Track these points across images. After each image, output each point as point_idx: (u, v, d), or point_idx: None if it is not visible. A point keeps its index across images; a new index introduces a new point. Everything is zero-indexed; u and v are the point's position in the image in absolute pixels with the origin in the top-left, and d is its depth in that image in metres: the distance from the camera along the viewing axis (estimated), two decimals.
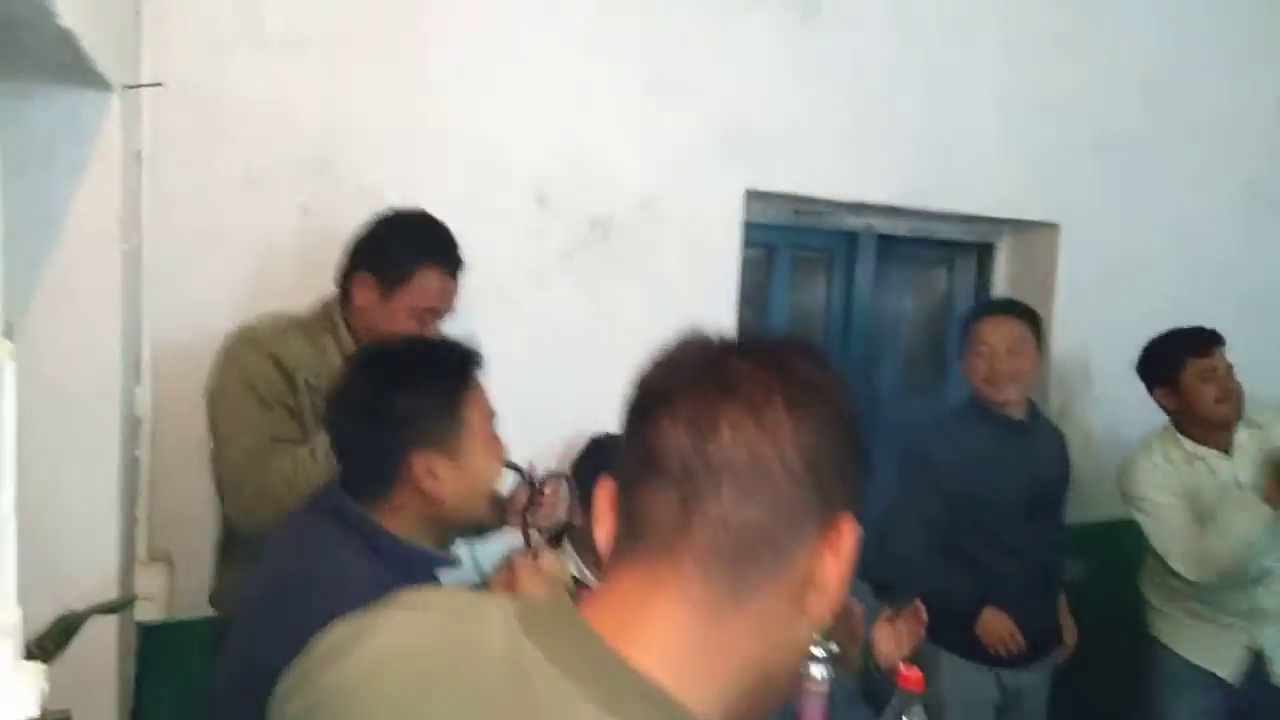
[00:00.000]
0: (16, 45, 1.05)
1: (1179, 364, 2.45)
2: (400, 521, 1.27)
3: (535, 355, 2.40)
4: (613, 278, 2.48)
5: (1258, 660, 2.39)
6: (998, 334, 2.36)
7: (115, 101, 1.45)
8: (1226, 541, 2.25)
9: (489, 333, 2.29)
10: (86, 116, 1.42)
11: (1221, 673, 2.41)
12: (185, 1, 1.95)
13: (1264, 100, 3.47)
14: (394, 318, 1.74)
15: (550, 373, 2.41)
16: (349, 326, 1.77)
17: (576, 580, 1.95)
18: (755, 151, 2.62)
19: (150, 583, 1.86)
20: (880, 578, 2.05)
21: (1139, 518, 2.47)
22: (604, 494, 0.70)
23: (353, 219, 2.08)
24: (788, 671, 0.66)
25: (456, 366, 1.33)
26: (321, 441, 1.51)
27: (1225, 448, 2.43)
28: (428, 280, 1.76)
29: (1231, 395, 2.41)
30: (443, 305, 1.81)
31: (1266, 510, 2.21)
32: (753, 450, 0.62)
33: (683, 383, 0.67)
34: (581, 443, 2.23)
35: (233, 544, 1.73)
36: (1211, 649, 2.42)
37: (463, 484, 1.27)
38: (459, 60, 2.24)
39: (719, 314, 2.63)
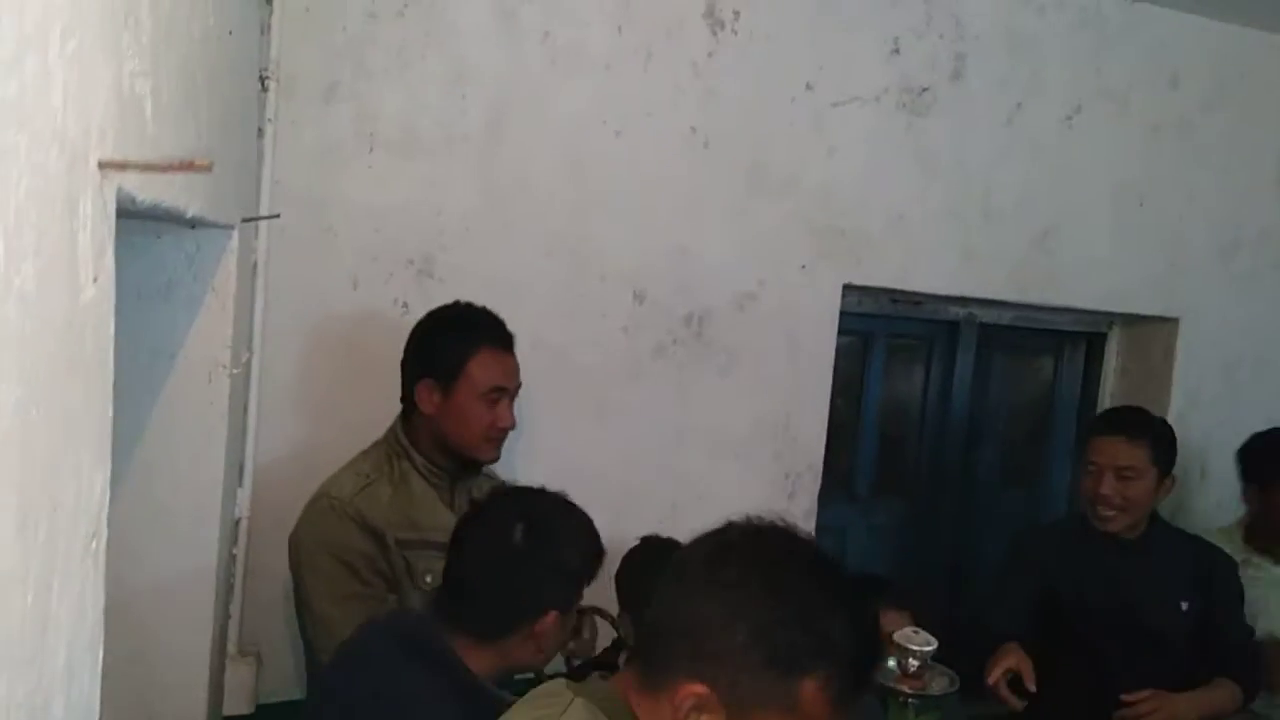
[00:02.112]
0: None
1: (1274, 475, 2.34)
2: (487, 662, 1.33)
3: (623, 451, 2.39)
4: (705, 374, 2.46)
5: None
6: (1106, 454, 2.09)
7: (234, 238, 1.51)
8: None
9: (579, 429, 2.34)
10: (206, 252, 1.48)
11: None
12: (304, 109, 2.03)
13: None
14: (463, 413, 1.72)
15: (639, 469, 2.41)
16: (416, 445, 1.76)
17: None
18: (855, 246, 2.57)
19: (240, 677, 1.92)
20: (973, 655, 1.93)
21: None
22: None
23: None
24: None
25: (600, 554, 1.41)
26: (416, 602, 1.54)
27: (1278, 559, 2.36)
28: (483, 363, 1.73)
29: None
30: (507, 383, 1.77)
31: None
32: (676, 608, 0.91)
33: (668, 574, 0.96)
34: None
35: None
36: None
37: (558, 646, 1.40)
38: (560, 160, 2.27)
39: (811, 409, 2.59)
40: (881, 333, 2.96)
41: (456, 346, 1.73)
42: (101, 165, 0.62)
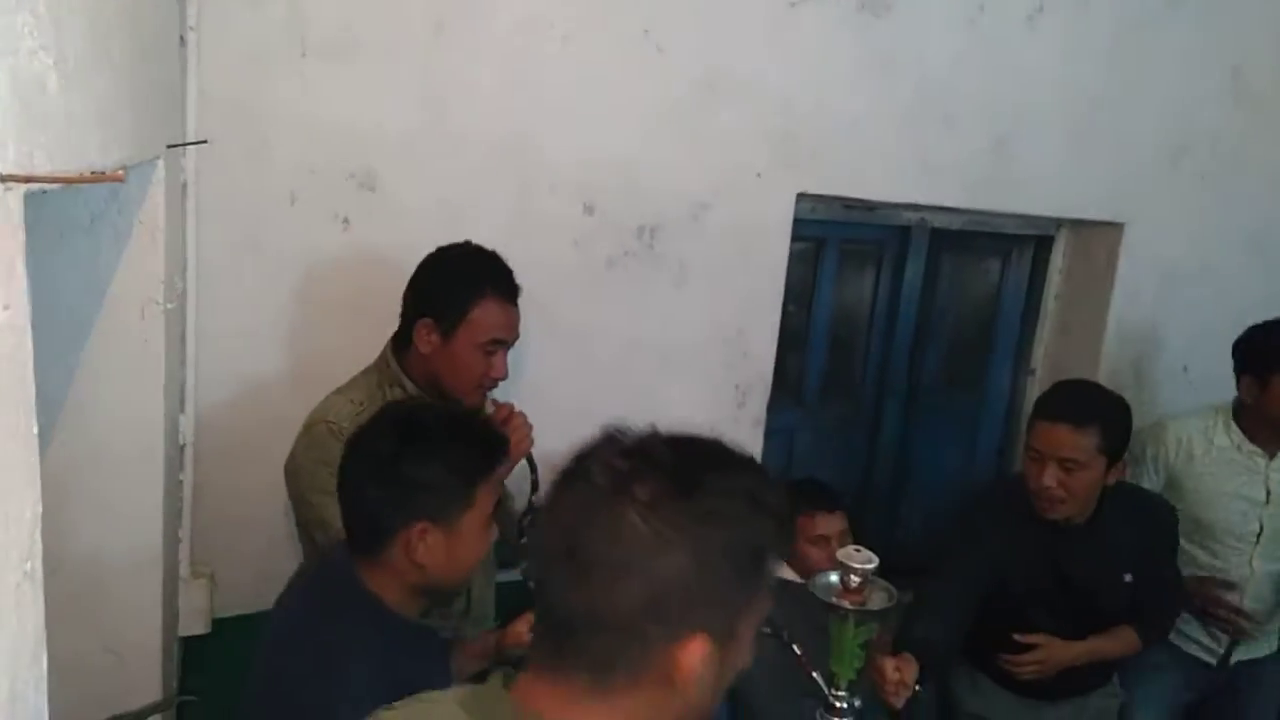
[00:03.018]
0: None
1: (1269, 365, 2.32)
2: (387, 581, 1.32)
3: (575, 365, 2.39)
4: (658, 286, 2.44)
5: (1230, 648, 2.47)
6: (1048, 442, 1.93)
7: (160, 167, 1.42)
8: None
9: (530, 345, 2.31)
10: (131, 183, 1.39)
11: (1207, 658, 2.47)
12: (229, 13, 1.89)
13: None
14: (458, 360, 1.71)
15: (590, 382, 2.40)
16: (410, 374, 1.74)
17: None
18: (809, 154, 2.52)
19: (194, 598, 1.93)
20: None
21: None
22: None
23: (395, 231, 2.07)
24: None
25: (485, 449, 1.35)
26: None
27: (1272, 452, 2.40)
28: (486, 313, 1.72)
29: None
30: (507, 336, 1.76)
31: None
32: (590, 606, 0.76)
33: (554, 527, 0.80)
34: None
35: None
36: (1199, 640, 2.47)
37: (449, 561, 1.31)
38: (506, 68, 2.16)
39: (762, 319, 2.60)
40: (834, 238, 2.94)
41: (461, 291, 1.70)
42: (2, 179, 0.57)
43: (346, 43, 2.01)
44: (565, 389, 2.36)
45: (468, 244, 1.80)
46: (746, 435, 2.63)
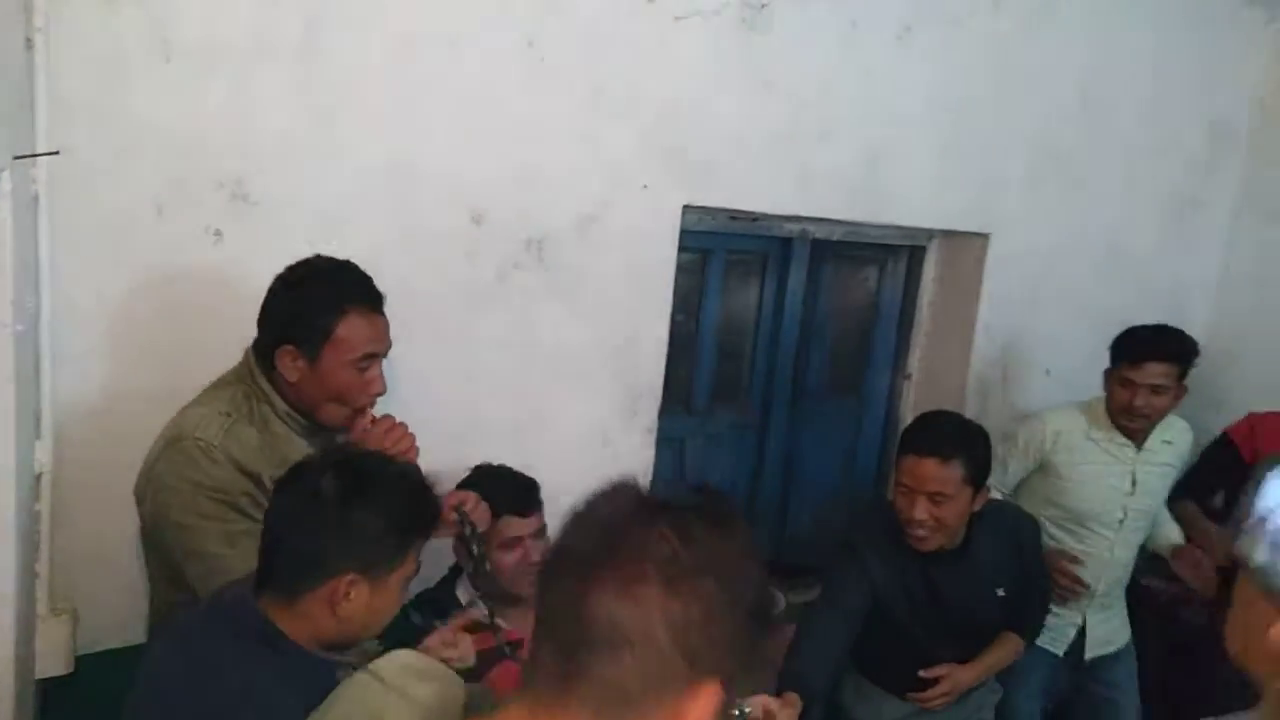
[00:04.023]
0: None
1: (1115, 361, 2.53)
2: (298, 628, 1.28)
3: (465, 378, 2.35)
4: (548, 297, 2.42)
5: (1079, 635, 2.64)
6: (917, 478, 2.00)
7: (5, 180, 1.32)
8: None
9: (418, 358, 2.26)
10: None
11: (1056, 650, 2.63)
12: (82, 13, 1.77)
13: (1194, 117, 3.52)
14: (332, 382, 1.61)
15: (479, 396, 2.37)
16: (278, 390, 1.64)
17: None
18: (694, 167, 2.55)
19: (54, 636, 1.80)
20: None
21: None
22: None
23: (271, 244, 1.98)
24: None
25: (426, 510, 1.33)
26: None
27: (1139, 444, 2.57)
28: (353, 328, 1.62)
29: (1138, 414, 2.49)
30: (379, 348, 1.67)
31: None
32: (617, 621, 0.71)
33: (579, 547, 0.77)
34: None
35: None
36: (1050, 628, 2.57)
37: (369, 615, 1.30)
38: (387, 74, 2.10)
39: (651, 330, 2.61)
40: (720, 249, 2.99)
41: (321, 310, 1.60)
42: None
43: (213, 46, 1.92)
44: (456, 402, 2.32)
45: (317, 258, 1.70)
46: (638, 443, 2.65)
